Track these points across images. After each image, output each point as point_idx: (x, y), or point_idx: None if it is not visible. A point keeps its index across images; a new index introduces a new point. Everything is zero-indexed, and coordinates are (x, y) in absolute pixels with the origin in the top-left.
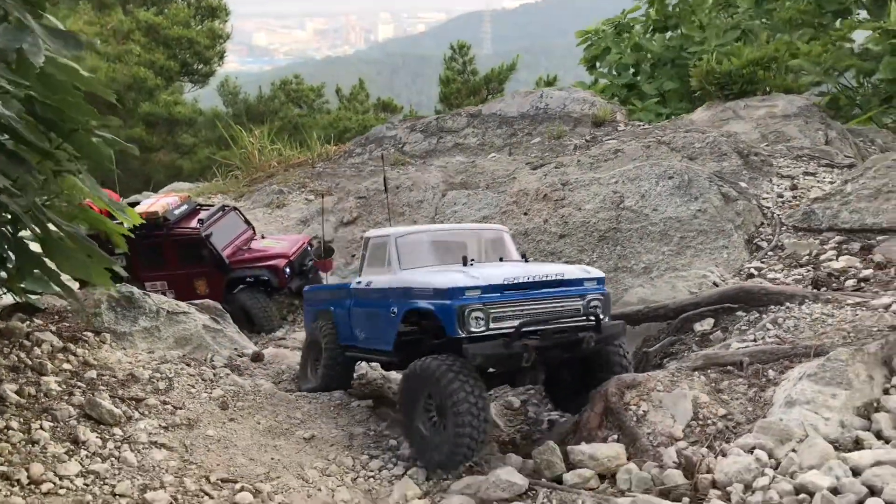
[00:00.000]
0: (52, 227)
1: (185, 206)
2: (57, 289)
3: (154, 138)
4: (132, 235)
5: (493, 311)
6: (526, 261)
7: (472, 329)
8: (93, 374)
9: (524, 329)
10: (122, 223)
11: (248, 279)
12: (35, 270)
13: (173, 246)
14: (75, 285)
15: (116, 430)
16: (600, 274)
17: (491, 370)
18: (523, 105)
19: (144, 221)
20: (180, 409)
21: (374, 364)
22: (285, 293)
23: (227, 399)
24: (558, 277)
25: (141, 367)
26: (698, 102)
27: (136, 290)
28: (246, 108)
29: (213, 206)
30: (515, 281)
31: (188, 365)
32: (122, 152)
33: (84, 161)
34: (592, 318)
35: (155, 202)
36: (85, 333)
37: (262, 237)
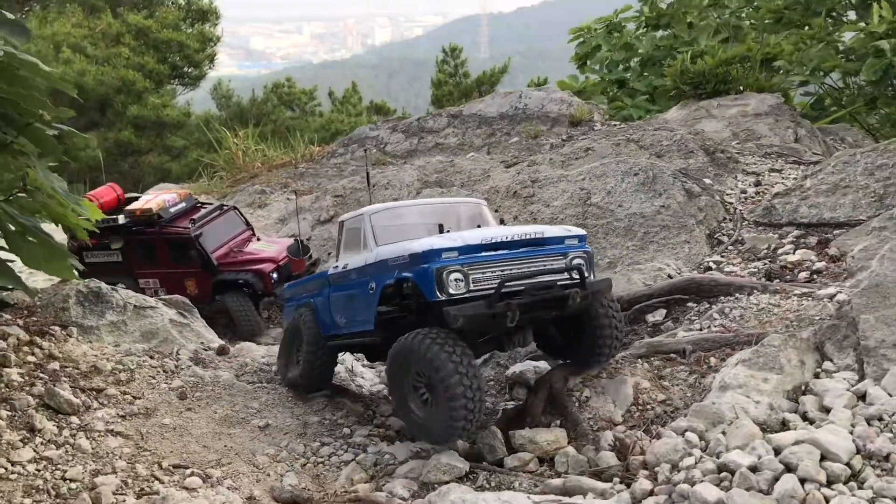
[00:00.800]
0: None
1: (182, 204)
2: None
3: (143, 141)
4: (97, 230)
5: (472, 272)
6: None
7: (452, 291)
8: (56, 365)
9: (507, 289)
10: (87, 218)
11: (233, 282)
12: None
13: (164, 244)
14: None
15: (74, 419)
16: (581, 232)
17: (478, 337)
18: (503, 105)
19: (138, 218)
20: (139, 398)
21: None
22: (272, 298)
23: (185, 389)
24: (538, 236)
25: (105, 360)
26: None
27: (103, 284)
28: (239, 112)
29: (211, 204)
30: (493, 241)
31: (151, 357)
32: (110, 155)
33: (39, 153)
34: (577, 275)
35: (152, 199)
36: (52, 327)
37: (258, 239)
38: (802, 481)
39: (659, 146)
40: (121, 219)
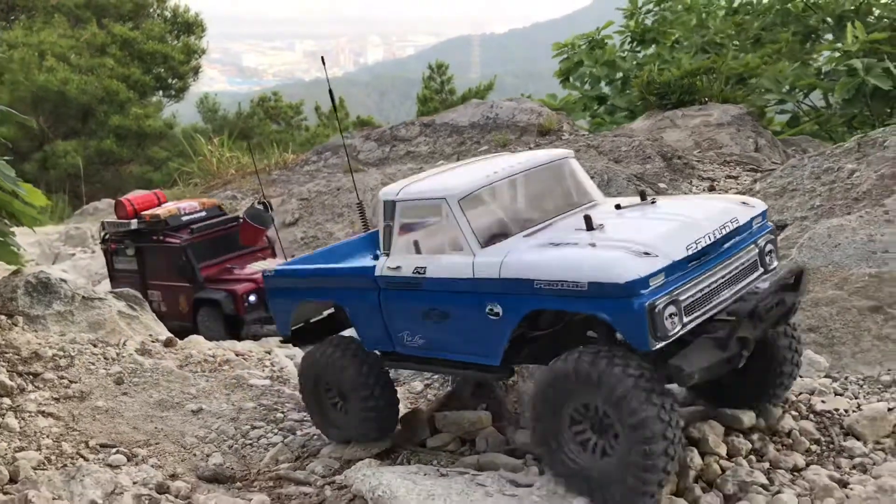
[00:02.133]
0: None
1: (202, 213)
2: None
3: (124, 150)
4: (42, 218)
5: (683, 299)
6: (644, 198)
7: (668, 333)
8: None
9: (717, 313)
10: (31, 205)
11: (208, 300)
12: None
13: (164, 255)
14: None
15: (6, 400)
16: (764, 206)
17: None
18: (474, 115)
19: (147, 223)
20: (75, 383)
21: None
22: (257, 325)
23: (123, 375)
24: (735, 225)
25: (47, 347)
26: None
27: (52, 274)
28: (225, 125)
29: (234, 216)
30: (699, 247)
31: (94, 346)
32: (91, 164)
33: None
34: (771, 268)
35: (171, 206)
36: None
37: (273, 257)
38: (703, 455)
39: (617, 152)
40: (134, 224)
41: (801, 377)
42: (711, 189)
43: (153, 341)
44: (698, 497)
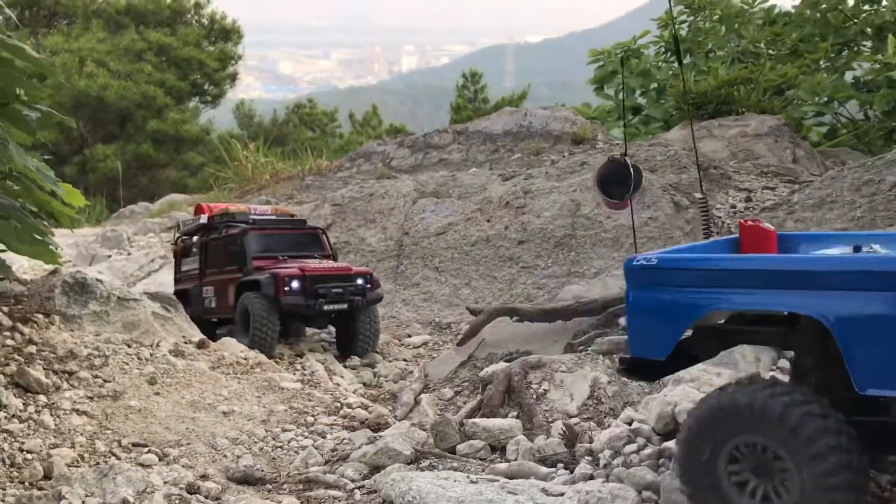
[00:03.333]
0: None
1: (271, 216)
2: None
3: (161, 155)
4: (80, 218)
5: None
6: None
7: None
8: (33, 349)
9: None
10: (70, 205)
11: (251, 283)
12: None
13: (224, 246)
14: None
15: (41, 398)
16: None
17: None
18: (508, 123)
19: (214, 217)
20: (109, 382)
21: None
22: (288, 309)
23: (156, 375)
24: None
25: (83, 346)
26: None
27: (88, 275)
28: (260, 131)
29: (302, 222)
30: None
31: (129, 346)
32: (129, 168)
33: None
34: None
35: (243, 206)
36: (36, 315)
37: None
38: None
39: (653, 161)
40: (204, 218)
41: None
42: (748, 200)
43: (186, 343)
44: None
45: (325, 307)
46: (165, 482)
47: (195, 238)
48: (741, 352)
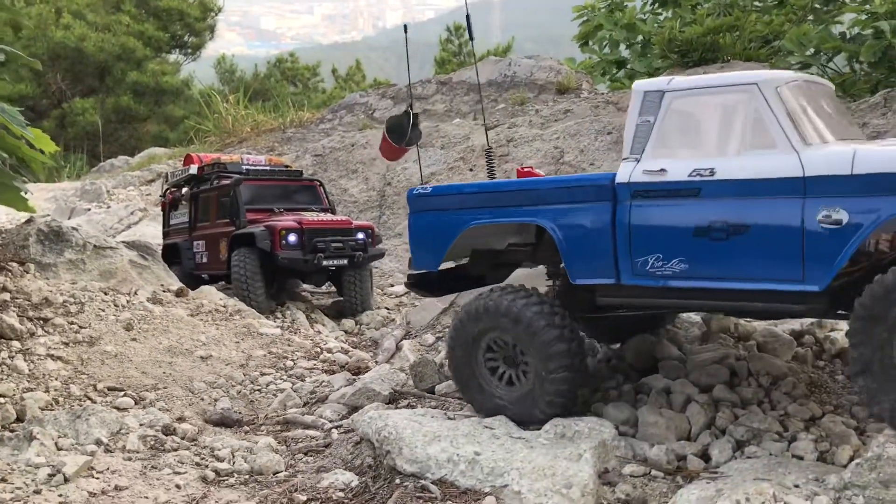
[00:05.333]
0: None
1: (266, 167)
2: None
3: (141, 108)
4: (52, 164)
5: None
6: None
7: None
8: (6, 296)
9: None
10: (42, 151)
11: (244, 236)
12: None
13: (216, 198)
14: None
15: (15, 343)
16: None
17: None
18: (492, 72)
19: (206, 168)
20: (85, 328)
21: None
22: (282, 264)
23: (133, 322)
24: None
25: (58, 294)
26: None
27: (63, 223)
28: (242, 86)
29: (298, 174)
30: None
31: (105, 294)
32: (108, 122)
33: None
34: None
35: (235, 155)
36: (10, 264)
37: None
38: (716, 402)
39: None
40: (193, 168)
41: None
42: None
43: (164, 291)
44: (708, 444)
45: (325, 262)
46: (141, 424)
47: (184, 190)
48: None
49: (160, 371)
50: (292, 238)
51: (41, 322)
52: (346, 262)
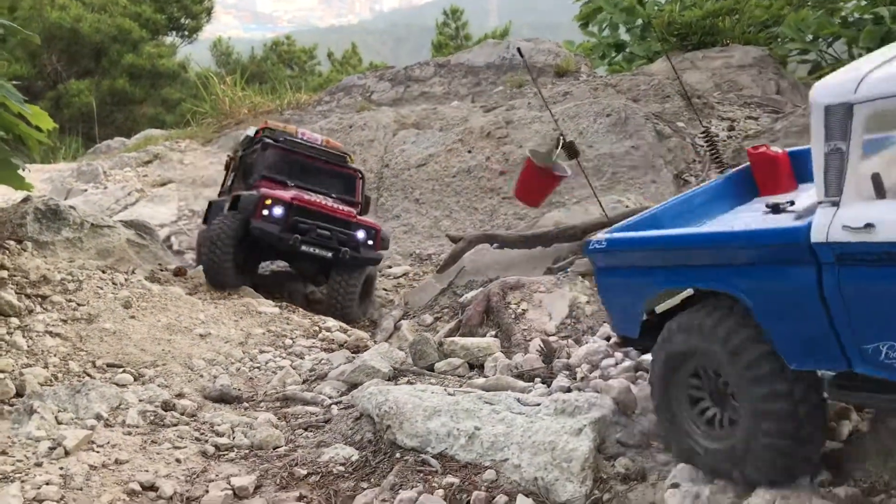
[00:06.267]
0: None
1: (314, 145)
2: None
3: (137, 90)
4: (49, 142)
5: None
6: None
7: None
8: (4, 274)
9: None
10: (38, 128)
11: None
12: None
13: (248, 161)
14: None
15: (14, 320)
16: None
17: None
18: (491, 55)
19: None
20: (83, 305)
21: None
22: (254, 233)
23: (132, 299)
24: None
25: (56, 272)
26: None
27: (61, 202)
28: (238, 69)
29: (345, 158)
30: None
31: (103, 272)
32: (104, 104)
33: None
34: None
35: (296, 127)
36: (7, 242)
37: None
38: None
39: (636, 90)
40: (251, 130)
41: None
42: (731, 129)
43: (162, 270)
44: None
45: (302, 247)
46: (140, 399)
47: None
48: None
49: (159, 348)
50: (277, 211)
51: (39, 299)
52: (329, 254)
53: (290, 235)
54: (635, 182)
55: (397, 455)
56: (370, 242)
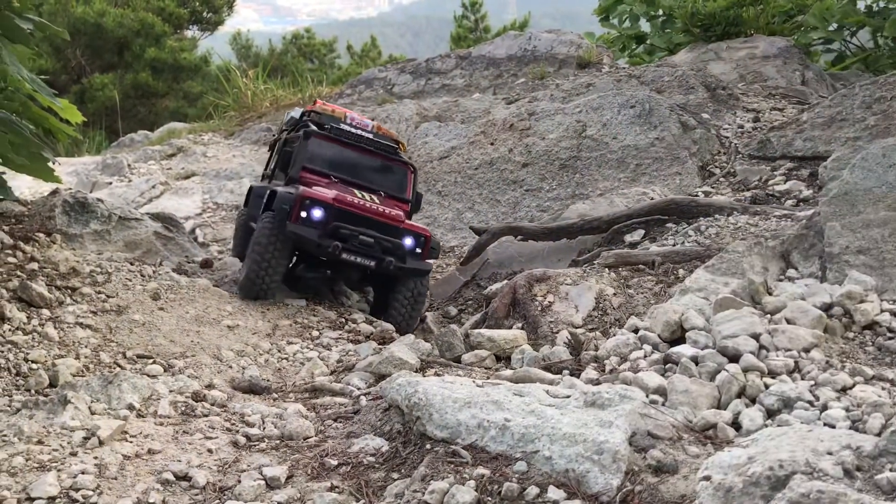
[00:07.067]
0: None
1: (367, 131)
2: None
3: (160, 84)
4: (77, 136)
5: None
6: None
7: None
8: (35, 266)
9: None
10: (67, 122)
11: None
12: None
13: (288, 147)
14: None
15: (45, 312)
16: None
17: None
18: (512, 47)
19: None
20: (112, 297)
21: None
22: (289, 236)
23: (160, 291)
24: None
25: (85, 264)
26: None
27: (88, 195)
28: (258, 62)
29: (397, 148)
30: None
31: (131, 264)
32: (127, 98)
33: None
34: None
35: (345, 110)
36: (37, 234)
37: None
38: (745, 371)
39: (660, 82)
40: (297, 111)
41: None
42: (756, 120)
43: (189, 262)
44: (739, 412)
45: (343, 255)
46: (171, 391)
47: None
48: (750, 262)
49: (188, 339)
50: (317, 213)
51: (69, 291)
52: (372, 264)
53: (331, 242)
54: (660, 174)
55: (427, 446)
56: (418, 251)
